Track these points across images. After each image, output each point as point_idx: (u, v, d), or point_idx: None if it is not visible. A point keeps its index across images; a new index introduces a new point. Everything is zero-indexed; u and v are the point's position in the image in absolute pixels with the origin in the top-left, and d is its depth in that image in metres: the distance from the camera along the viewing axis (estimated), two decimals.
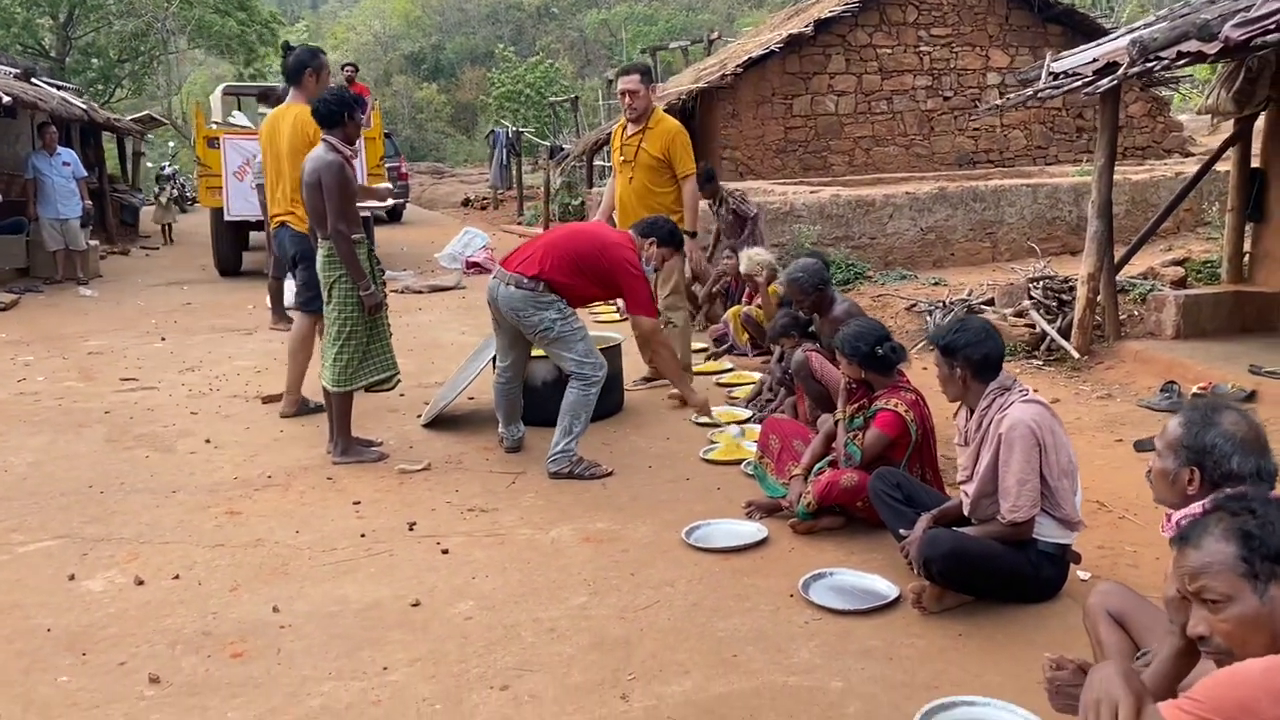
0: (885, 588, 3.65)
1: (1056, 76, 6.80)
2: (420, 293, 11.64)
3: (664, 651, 3.29)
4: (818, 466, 4.34)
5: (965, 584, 3.41)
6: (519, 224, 19.72)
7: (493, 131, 24.69)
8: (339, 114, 5.16)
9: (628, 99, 6.39)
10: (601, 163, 19.06)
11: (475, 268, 13.06)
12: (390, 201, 8.48)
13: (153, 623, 3.58)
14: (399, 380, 5.63)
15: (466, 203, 25.84)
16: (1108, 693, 1.93)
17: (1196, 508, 2.39)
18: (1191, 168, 11.55)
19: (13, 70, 14.08)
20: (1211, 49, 5.42)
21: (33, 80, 14.43)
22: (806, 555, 4.01)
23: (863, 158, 14.91)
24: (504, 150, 22.58)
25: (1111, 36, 7.17)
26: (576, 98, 25.73)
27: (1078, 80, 6.49)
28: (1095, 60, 6.42)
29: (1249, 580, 1.79)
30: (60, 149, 12.71)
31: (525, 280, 5.01)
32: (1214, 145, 15.57)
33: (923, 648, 3.27)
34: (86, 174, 13.45)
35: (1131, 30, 6.81)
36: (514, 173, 22.61)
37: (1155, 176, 11.19)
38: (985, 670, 3.12)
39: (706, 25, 32.94)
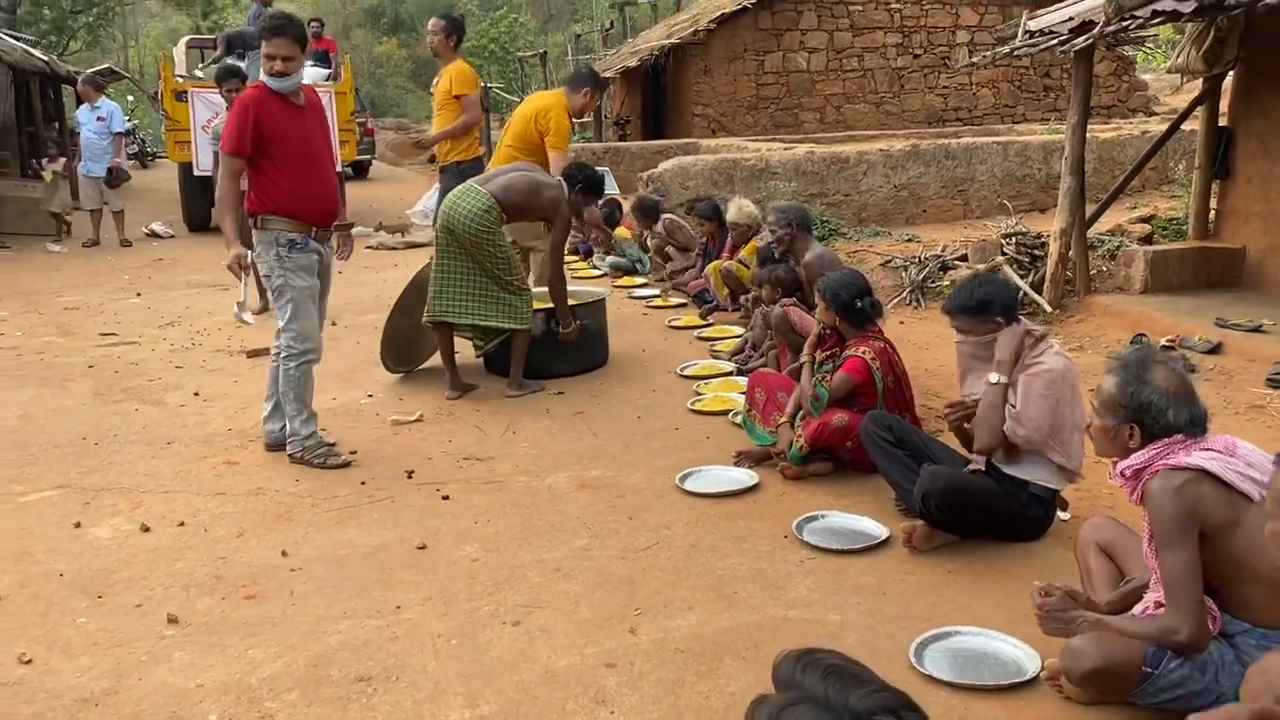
0: (875, 529, 3.79)
1: (1032, 34, 6.91)
2: (395, 249, 11.62)
3: (667, 589, 3.41)
4: (800, 414, 4.46)
5: (958, 520, 3.55)
6: None
7: None
8: None
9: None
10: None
11: None
12: None
13: (163, 567, 3.65)
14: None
15: (433, 159, 25.55)
16: None
17: (1139, 457, 2.54)
18: (1157, 127, 11.75)
19: None
20: (1186, 8, 5.54)
21: None
22: (797, 500, 4.15)
23: (834, 115, 15.00)
24: None
25: None
26: (545, 53, 25.51)
27: (1053, 38, 6.60)
28: (1071, 19, 6.52)
29: None
30: (103, 100, 12.20)
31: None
32: (1177, 105, 15.84)
33: (914, 583, 3.42)
34: (127, 130, 12.85)
35: None
36: (483, 128, 22.40)
37: (1122, 135, 11.38)
38: (975, 604, 3.27)
39: None
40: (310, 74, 13.69)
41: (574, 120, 6.95)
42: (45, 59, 16.00)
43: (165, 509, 4.19)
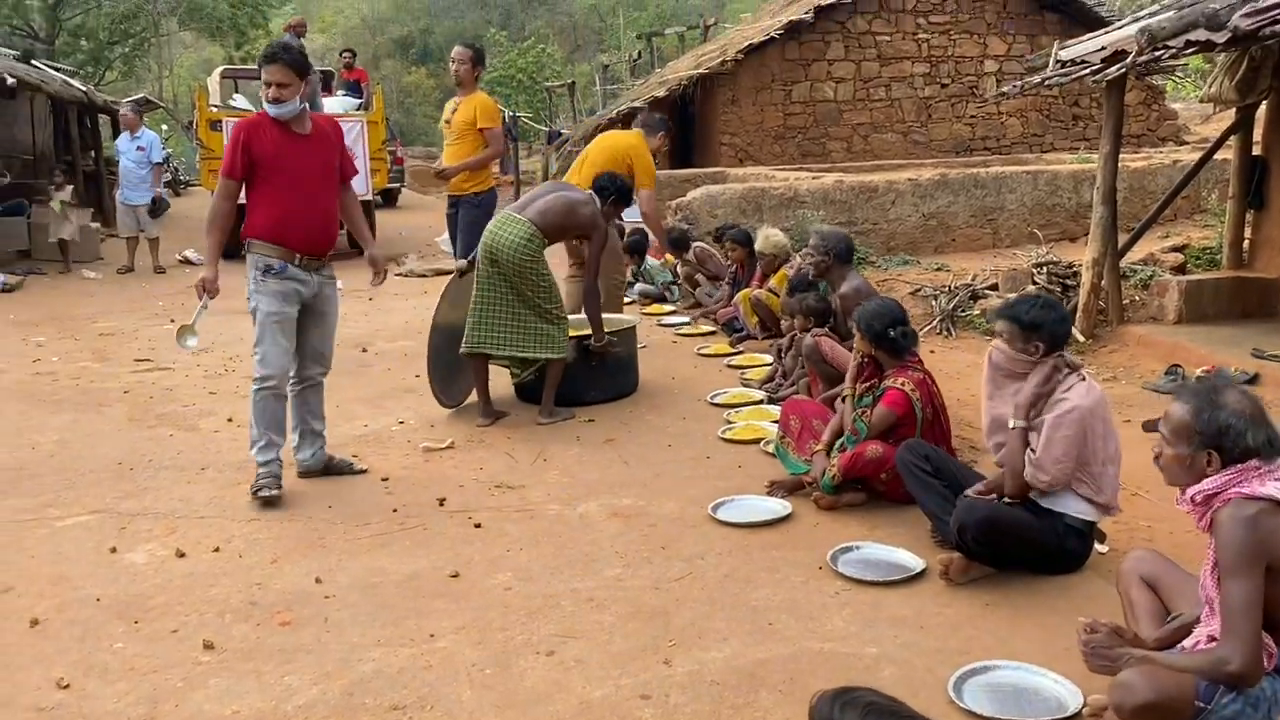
0: (911, 561, 3.76)
1: (1064, 64, 6.90)
2: (424, 276, 11.70)
3: (701, 620, 3.39)
4: (838, 444, 4.44)
5: (996, 552, 3.52)
6: None
7: None
8: None
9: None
10: None
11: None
12: None
13: (199, 593, 3.67)
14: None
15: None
16: None
17: (1211, 483, 2.49)
18: (1188, 156, 11.69)
19: (13, 52, 14.05)
20: (1220, 38, 5.52)
21: (33, 62, 14.40)
22: (831, 530, 4.12)
23: (861, 145, 15.02)
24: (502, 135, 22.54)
25: (1118, 25, 7.28)
26: (573, 83, 25.74)
27: (1085, 68, 6.59)
28: (1103, 48, 6.52)
29: None
30: (143, 130, 12.37)
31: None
32: (1208, 134, 15.76)
33: (952, 616, 3.38)
34: (163, 160, 13.00)
35: (1137, 19, 6.92)
36: (511, 157, 22.59)
37: (1153, 164, 11.33)
38: (1013, 637, 3.23)
39: (696, 10, 32.99)
40: (342, 103, 13.92)
41: None
42: (84, 89, 16.29)
43: (200, 534, 4.21)
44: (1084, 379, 3.60)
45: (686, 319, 8.45)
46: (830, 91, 14.87)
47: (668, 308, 9.08)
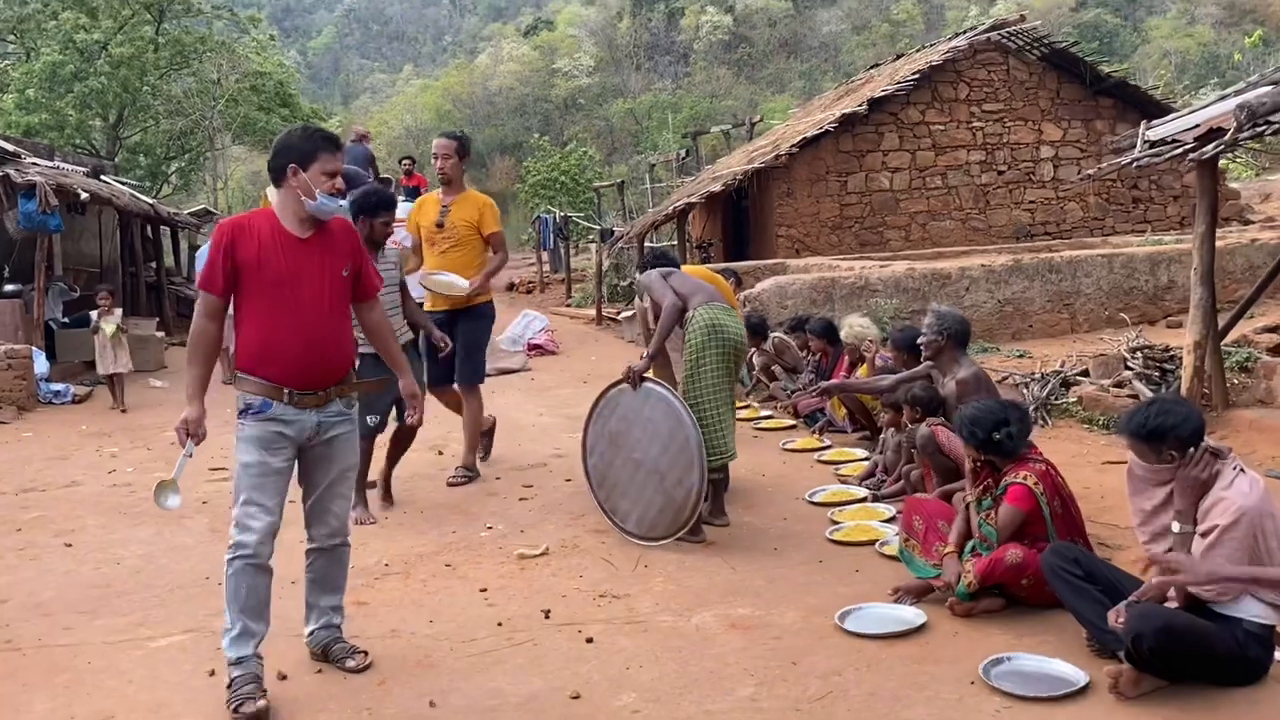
0: (1072, 673, 3.45)
1: (1153, 144, 6.74)
2: (489, 375, 11.58)
3: None
4: (969, 546, 4.16)
5: (1173, 661, 3.22)
6: (567, 305, 19.81)
7: (539, 218, 24.96)
8: None
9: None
10: (649, 243, 19.17)
11: (537, 349, 13.04)
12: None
13: (307, 719, 3.44)
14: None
15: (511, 287, 25.94)
16: None
17: None
18: (1262, 235, 11.44)
19: (82, 169, 14.41)
20: None
21: (102, 177, 14.76)
22: (974, 640, 3.82)
23: (919, 232, 14.93)
24: (553, 235, 22.83)
25: (1206, 103, 7.13)
26: (623, 182, 26.08)
27: (1178, 147, 6.42)
28: (1196, 126, 6.36)
29: None
30: None
31: None
32: (1270, 212, 15.49)
33: None
34: None
35: (1224, 97, 6.78)
36: (562, 256, 22.83)
37: (1230, 244, 11.07)
38: None
39: (729, 111, 33.52)
40: (404, 209, 14.08)
41: None
42: (150, 201, 16.67)
43: (299, 654, 4.00)
44: (1242, 470, 3.34)
45: (768, 412, 8.22)
46: (886, 181, 14.85)
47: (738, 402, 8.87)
